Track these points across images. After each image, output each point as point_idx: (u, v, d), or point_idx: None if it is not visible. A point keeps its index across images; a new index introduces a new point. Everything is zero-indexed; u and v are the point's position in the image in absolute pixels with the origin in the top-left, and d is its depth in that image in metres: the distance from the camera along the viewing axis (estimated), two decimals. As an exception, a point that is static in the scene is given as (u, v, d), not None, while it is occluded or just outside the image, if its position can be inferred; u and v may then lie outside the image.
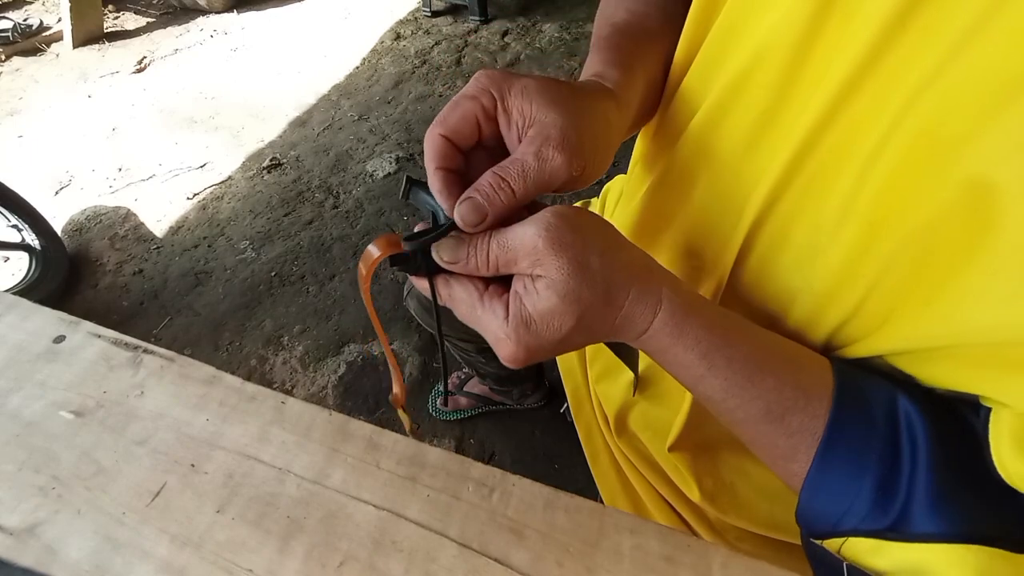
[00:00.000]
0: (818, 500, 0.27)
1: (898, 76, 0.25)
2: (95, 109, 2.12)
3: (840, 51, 0.26)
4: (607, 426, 0.54)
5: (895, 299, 0.27)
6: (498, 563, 0.28)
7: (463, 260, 0.27)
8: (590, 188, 1.22)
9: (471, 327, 0.29)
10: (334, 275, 1.50)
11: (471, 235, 0.27)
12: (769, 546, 0.45)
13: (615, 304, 0.27)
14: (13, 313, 0.39)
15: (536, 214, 0.26)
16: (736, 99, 0.32)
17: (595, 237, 0.26)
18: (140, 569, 0.28)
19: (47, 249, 1.40)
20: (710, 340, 0.28)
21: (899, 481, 0.26)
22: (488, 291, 0.28)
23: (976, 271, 0.24)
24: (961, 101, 0.23)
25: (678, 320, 0.27)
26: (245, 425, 0.33)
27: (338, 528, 0.29)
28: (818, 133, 0.28)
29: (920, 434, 0.26)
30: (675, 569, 0.28)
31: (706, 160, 0.36)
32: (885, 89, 0.25)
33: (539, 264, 0.25)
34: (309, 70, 2.30)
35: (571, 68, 2.18)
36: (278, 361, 1.32)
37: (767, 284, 0.35)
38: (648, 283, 0.27)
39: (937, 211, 0.25)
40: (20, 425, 0.33)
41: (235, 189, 1.76)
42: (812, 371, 0.29)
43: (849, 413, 0.28)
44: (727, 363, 0.28)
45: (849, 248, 0.29)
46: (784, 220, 0.32)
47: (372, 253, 0.28)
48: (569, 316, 0.26)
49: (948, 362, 0.26)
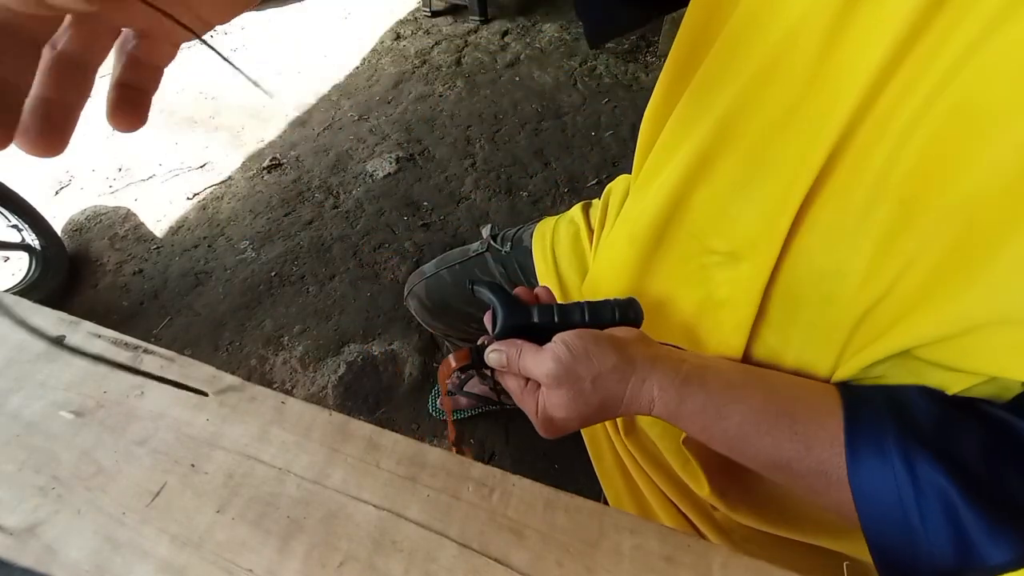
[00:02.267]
0: (882, 537, 0.29)
1: (934, 54, 0.25)
2: (95, 109, 2.11)
3: (874, 34, 0.26)
4: (613, 425, 0.54)
5: (933, 277, 0.28)
6: (498, 563, 0.28)
7: (506, 368, 0.38)
8: (591, 189, 1.22)
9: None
10: (334, 275, 1.50)
11: (507, 350, 0.38)
12: (776, 545, 0.45)
13: (611, 409, 0.36)
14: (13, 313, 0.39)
15: (544, 351, 0.36)
16: (766, 86, 0.32)
17: (586, 370, 0.35)
18: (140, 569, 0.28)
19: (47, 249, 1.40)
20: (703, 419, 0.34)
21: (932, 520, 0.27)
22: (527, 387, 0.38)
23: (1020, 243, 0.24)
24: (999, 75, 0.23)
25: (672, 409, 0.35)
26: (245, 425, 0.33)
27: (338, 528, 0.29)
28: (858, 116, 0.28)
29: (942, 479, 0.27)
30: (675, 569, 0.28)
31: (732, 147, 0.35)
32: (920, 68, 0.25)
33: (547, 390, 0.36)
34: (309, 70, 2.29)
35: (571, 68, 2.18)
36: (278, 361, 1.32)
37: (798, 268, 0.35)
38: (639, 389, 0.35)
39: (976, 185, 0.25)
40: (20, 425, 0.33)
41: (235, 189, 1.76)
42: (810, 422, 0.32)
43: (866, 471, 0.29)
44: (723, 433, 0.34)
45: (882, 227, 0.29)
46: (819, 204, 0.32)
47: (451, 363, 0.40)
48: (575, 420, 0.36)
49: (988, 346, 0.26)
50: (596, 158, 1.80)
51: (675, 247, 0.43)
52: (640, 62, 2.19)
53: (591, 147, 1.85)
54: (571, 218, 0.67)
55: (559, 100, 2.04)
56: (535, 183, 1.73)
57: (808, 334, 0.35)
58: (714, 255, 0.39)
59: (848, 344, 0.33)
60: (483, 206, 1.67)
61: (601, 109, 1.99)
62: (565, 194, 1.69)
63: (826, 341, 0.34)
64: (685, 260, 0.42)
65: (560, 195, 1.69)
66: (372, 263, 1.52)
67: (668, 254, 0.43)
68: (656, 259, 0.44)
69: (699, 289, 0.42)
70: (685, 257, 0.42)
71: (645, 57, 2.21)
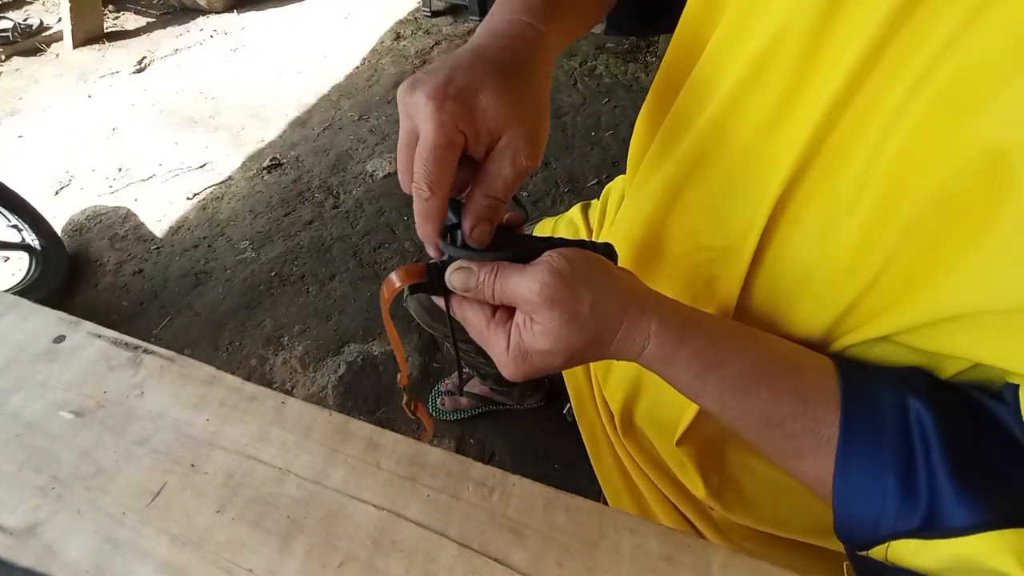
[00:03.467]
0: (850, 508, 0.28)
1: (913, 48, 0.25)
2: (95, 109, 2.12)
3: (857, 28, 0.27)
4: (612, 425, 0.54)
5: (915, 268, 0.28)
6: (498, 563, 0.28)
7: (472, 291, 0.30)
8: (591, 190, 1.22)
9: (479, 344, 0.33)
10: (334, 275, 1.50)
11: (479, 268, 0.30)
12: (774, 544, 0.45)
13: (603, 343, 0.30)
14: (13, 313, 0.39)
15: (534, 265, 0.29)
16: (754, 84, 0.32)
17: (586, 289, 0.29)
18: (140, 569, 0.28)
19: (47, 249, 1.40)
20: (701, 363, 0.31)
21: (918, 476, 0.27)
22: (495, 317, 0.31)
23: (999, 234, 0.24)
24: (976, 68, 0.23)
25: (667, 350, 0.30)
26: (245, 425, 0.33)
27: (338, 528, 0.29)
28: (837, 111, 0.28)
29: (930, 428, 0.27)
30: (675, 569, 0.28)
31: (723, 146, 0.36)
32: (901, 61, 0.26)
33: (534, 312, 0.29)
34: (309, 70, 2.30)
35: (571, 68, 2.18)
36: (278, 361, 1.32)
37: (783, 262, 0.35)
38: (637, 321, 0.30)
39: (954, 177, 0.25)
40: (20, 425, 0.33)
41: (235, 189, 1.76)
42: (811, 376, 0.31)
43: (859, 415, 0.29)
44: (719, 381, 0.31)
45: (865, 220, 0.29)
46: (802, 199, 0.32)
47: (394, 281, 0.31)
48: (560, 355, 0.30)
49: (969, 333, 0.27)
50: (596, 158, 1.80)
51: (670, 245, 0.43)
52: (640, 62, 2.19)
53: (591, 147, 1.85)
54: (570, 219, 0.67)
55: (559, 100, 2.04)
56: (535, 183, 1.73)
57: (793, 327, 0.36)
58: (708, 252, 0.40)
59: (831, 332, 0.34)
60: (483, 206, 1.66)
61: (601, 109, 1.99)
62: (565, 194, 1.69)
63: (811, 332, 0.35)
64: (680, 257, 0.42)
65: (560, 195, 1.69)
66: (372, 263, 1.52)
67: (663, 252, 0.44)
68: (651, 257, 0.45)
69: (692, 287, 0.42)
70: (680, 254, 0.42)
71: (645, 57, 2.21)
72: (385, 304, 0.33)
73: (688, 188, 0.39)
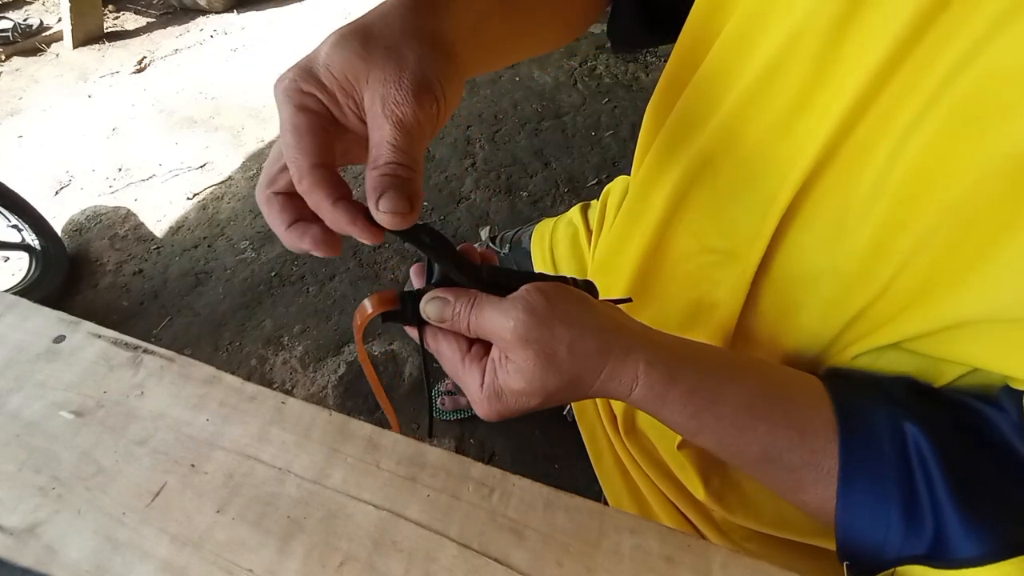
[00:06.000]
0: (853, 536, 0.28)
1: (936, 54, 0.25)
2: (95, 109, 2.12)
3: (879, 30, 0.26)
4: (613, 426, 0.54)
5: (929, 275, 0.27)
6: (498, 563, 0.28)
7: (447, 322, 0.29)
8: (591, 189, 1.22)
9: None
10: (334, 275, 1.50)
11: (455, 298, 0.29)
12: (776, 545, 0.45)
13: (584, 384, 0.29)
14: (13, 313, 0.39)
15: (509, 300, 0.28)
16: (768, 84, 0.32)
17: (564, 328, 0.27)
18: (140, 569, 0.28)
19: (47, 249, 1.40)
20: (696, 403, 0.29)
21: (921, 503, 0.26)
22: (471, 352, 0.30)
23: (1017, 243, 0.24)
24: (1001, 76, 0.23)
25: (659, 391, 0.29)
26: (245, 425, 0.33)
27: (338, 528, 0.29)
28: (856, 114, 0.28)
29: (928, 455, 0.27)
30: (675, 569, 0.28)
31: (734, 147, 0.35)
32: (922, 67, 0.25)
33: (508, 350, 0.27)
34: (309, 70, 2.29)
35: (571, 68, 2.18)
36: (278, 361, 1.32)
37: (790, 267, 0.34)
38: (623, 363, 0.28)
39: (974, 184, 0.25)
40: (20, 425, 0.33)
41: (235, 189, 1.76)
42: (804, 403, 0.31)
43: (857, 447, 0.28)
44: (716, 421, 0.30)
45: (879, 226, 0.29)
46: (814, 203, 0.32)
47: (367, 308, 0.30)
48: (536, 396, 0.28)
49: (977, 340, 0.26)
50: (596, 158, 1.80)
51: (675, 246, 0.43)
52: (640, 62, 2.19)
53: (591, 147, 1.84)
54: (570, 219, 0.67)
55: (559, 100, 2.04)
56: (535, 183, 1.73)
57: (800, 333, 0.35)
58: (713, 254, 0.39)
59: (838, 341, 0.33)
60: (483, 206, 1.66)
61: (601, 109, 1.99)
62: (565, 194, 1.69)
63: (817, 339, 0.34)
64: (684, 259, 0.42)
65: (560, 195, 1.69)
66: (372, 263, 1.52)
67: (668, 253, 0.43)
68: (656, 258, 0.44)
69: (695, 289, 0.42)
70: (685, 256, 0.42)
71: (645, 57, 2.21)
72: (358, 331, 0.31)
73: (696, 189, 0.39)
